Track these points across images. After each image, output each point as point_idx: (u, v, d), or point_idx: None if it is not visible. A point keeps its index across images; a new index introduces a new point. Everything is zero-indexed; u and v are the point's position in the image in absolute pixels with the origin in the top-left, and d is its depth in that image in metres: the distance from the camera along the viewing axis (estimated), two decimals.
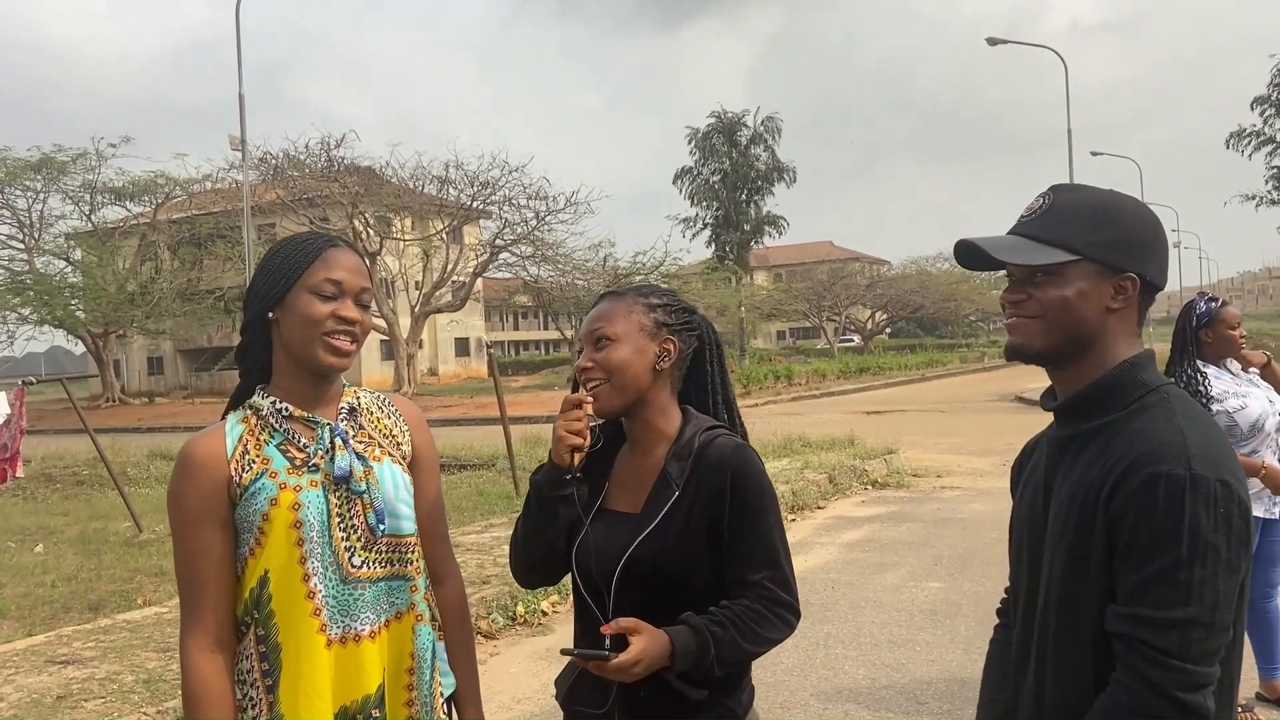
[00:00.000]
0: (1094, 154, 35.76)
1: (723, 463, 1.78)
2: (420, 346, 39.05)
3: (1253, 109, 41.35)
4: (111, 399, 36.72)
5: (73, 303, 33.50)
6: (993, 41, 27.75)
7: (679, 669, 1.67)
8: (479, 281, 37.99)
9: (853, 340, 60.33)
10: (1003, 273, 1.47)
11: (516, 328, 74.31)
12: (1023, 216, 1.48)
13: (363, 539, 1.68)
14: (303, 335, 1.66)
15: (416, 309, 34.39)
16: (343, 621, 1.64)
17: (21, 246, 35.96)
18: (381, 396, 1.87)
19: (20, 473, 8.83)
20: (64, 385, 9.37)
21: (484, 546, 7.25)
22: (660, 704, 1.71)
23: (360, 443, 1.74)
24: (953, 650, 5.06)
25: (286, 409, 1.69)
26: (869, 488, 10.58)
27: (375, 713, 1.66)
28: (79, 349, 40.71)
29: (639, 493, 1.83)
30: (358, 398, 1.82)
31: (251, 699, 1.63)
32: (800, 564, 5.79)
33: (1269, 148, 41.84)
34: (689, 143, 49.16)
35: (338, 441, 1.70)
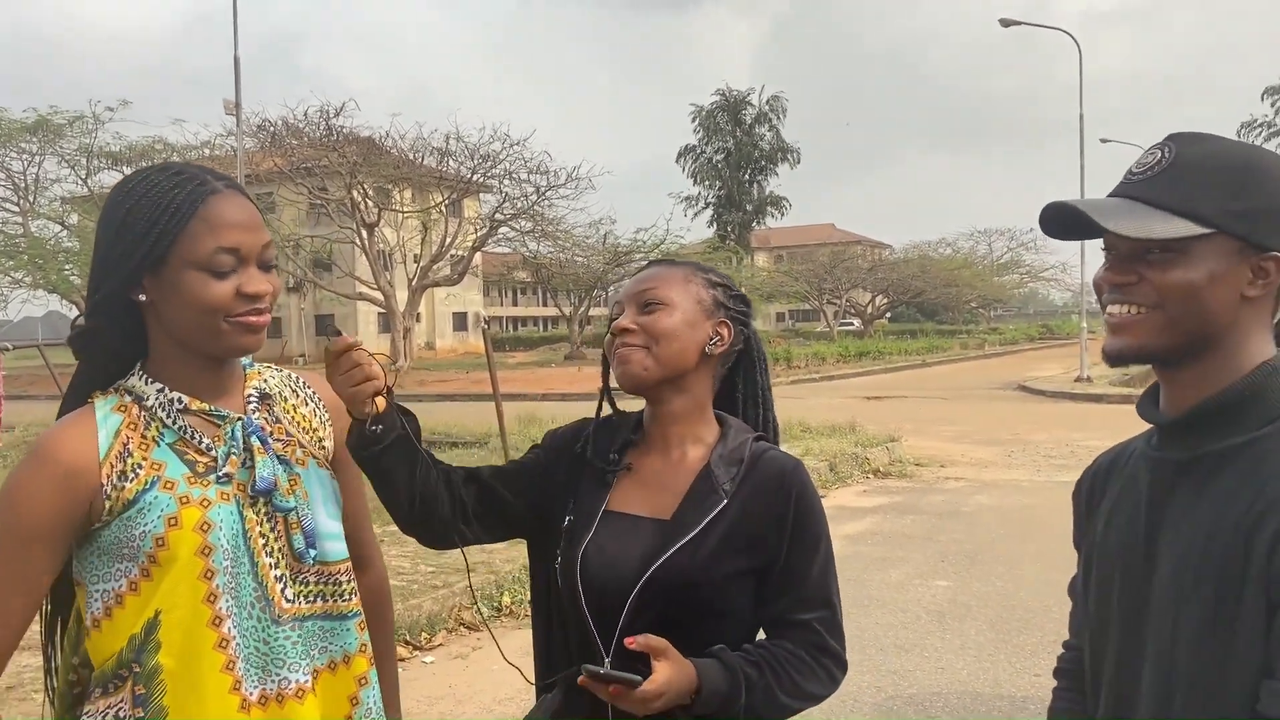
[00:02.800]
0: (1103, 141, 35.34)
1: (784, 481, 1.52)
2: (418, 320, 38.76)
3: (1263, 99, 40.97)
4: None
5: (67, 267, 33.13)
6: (1005, 23, 27.25)
7: (701, 710, 1.38)
8: (478, 256, 37.61)
9: (853, 324, 60.02)
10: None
11: (515, 304, 74.01)
12: (1132, 172, 1.15)
13: (292, 567, 1.33)
14: (198, 324, 1.27)
15: (414, 282, 33.99)
16: (275, 674, 1.28)
17: (16, 210, 35.60)
18: (293, 376, 1.50)
19: None
20: (41, 352, 9.06)
21: None
22: None
23: (279, 440, 1.38)
24: (963, 657, 4.78)
25: (180, 399, 1.31)
26: (871, 477, 10.31)
27: None
28: (75, 314, 40.45)
29: (667, 496, 1.53)
30: (265, 380, 1.44)
31: None
32: None
33: (1279, 139, 41.43)
34: (693, 121, 48.80)
35: (254, 442, 1.33)
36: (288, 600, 1.32)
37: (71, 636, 1.35)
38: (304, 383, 1.50)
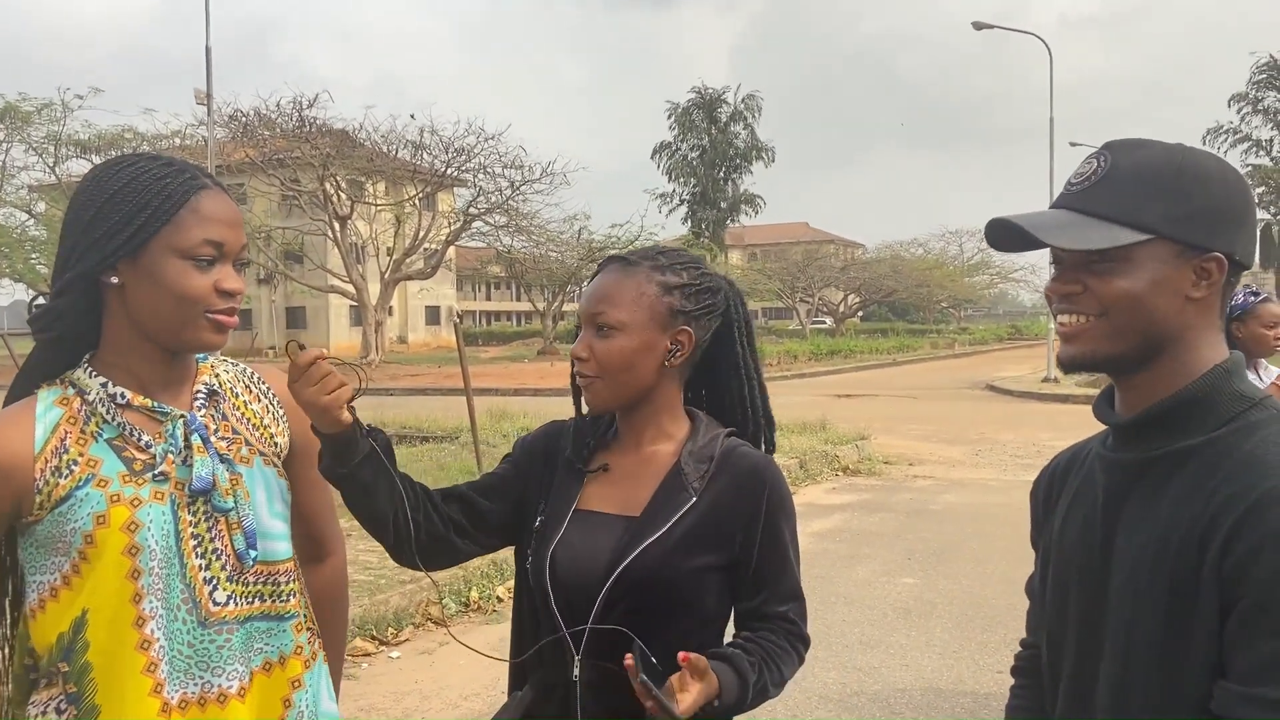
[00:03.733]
0: (1072, 144, 35.68)
1: (756, 477, 1.54)
2: (390, 314, 38.45)
3: (1229, 106, 41.61)
4: None
5: (34, 257, 32.60)
6: (978, 26, 27.44)
7: (716, 714, 1.40)
8: (451, 250, 37.44)
9: (825, 322, 60.33)
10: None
11: (489, 298, 73.70)
12: (1071, 183, 1.16)
13: (228, 568, 1.31)
14: (172, 313, 1.26)
15: (387, 275, 33.77)
16: (200, 677, 1.27)
17: None
18: (247, 371, 1.48)
19: None
20: (4, 341, 8.93)
21: None
22: None
23: (223, 439, 1.35)
24: (928, 654, 4.82)
25: (123, 395, 1.29)
26: (840, 474, 10.37)
27: None
28: (34, 298, 39.85)
29: (636, 493, 1.54)
30: (217, 375, 1.42)
31: None
32: None
33: (1244, 145, 42.11)
34: (669, 118, 48.82)
35: (195, 440, 1.31)
36: (215, 604, 1.30)
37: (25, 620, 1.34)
38: (259, 378, 1.48)
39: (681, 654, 1.35)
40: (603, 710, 1.47)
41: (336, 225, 32.18)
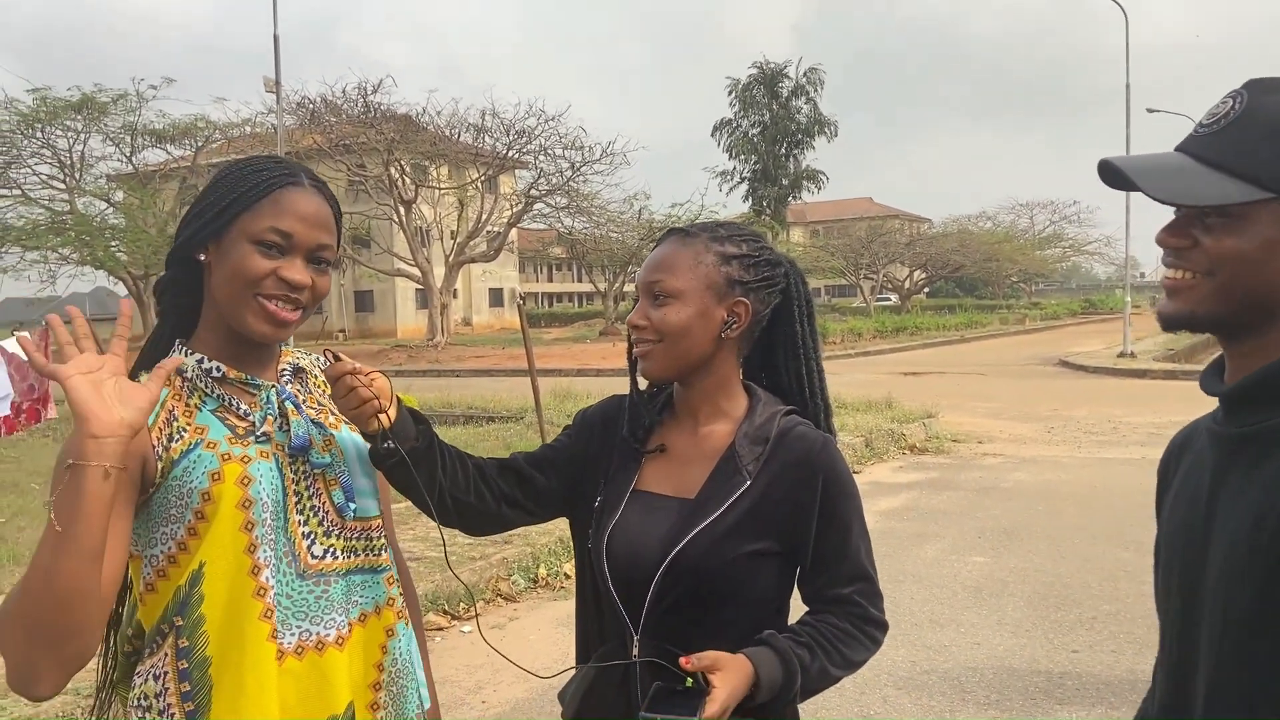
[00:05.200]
0: (1150, 110, 34.47)
1: (811, 459, 1.51)
2: (455, 296, 38.95)
3: None
4: None
5: (113, 244, 33.69)
6: None
7: (762, 699, 1.39)
8: (513, 232, 37.68)
9: (890, 299, 59.42)
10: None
11: (550, 279, 74.12)
12: (1201, 124, 1.06)
13: (325, 523, 1.38)
14: (231, 293, 1.33)
15: (451, 258, 34.17)
16: (298, 626, 1.33)
17: (62, 187, 36.16)
18: (321, 360, 1.55)
19: (53, 413, 8.79)
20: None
21: None
22: None
23: (312, 409, 1.44)
24: (1000, 633, 4.75)
25: (218, 369, 1.37)
26: (907, 453, 10.26)
27: None
28: (122, 290, 41.20)
29: (692, 475, 1.53)
30: (298, 358, 1.51)
31: None
32: None
33: None
34: (729, 94, 48.24)
35: (288, 406, 1.39)
36: (313, 557, 1.36)
37: (128, 609, 1.41)
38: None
39: (682, 660, 1.36)
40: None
41: (402, 209, 32.63)
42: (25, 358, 8.29)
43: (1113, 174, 1.09)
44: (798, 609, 1.56)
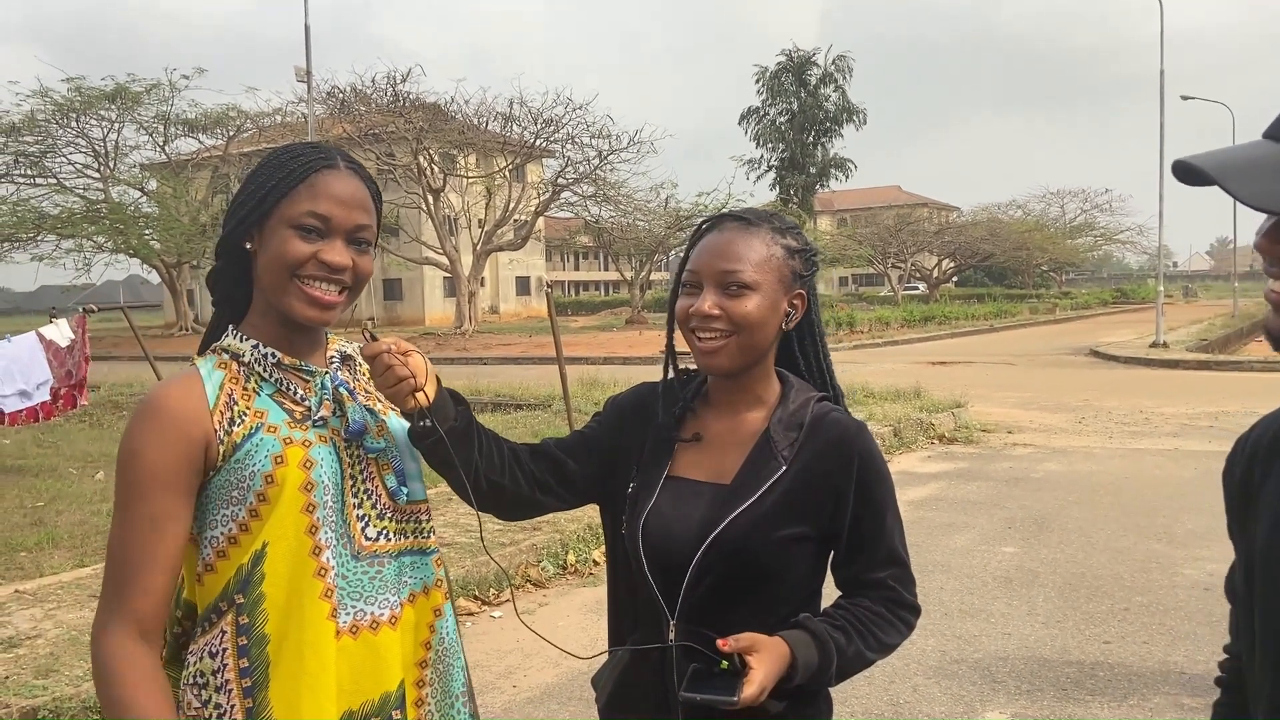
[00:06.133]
0: (1184, 98, 33.90)
1: (846, 444, 1.51)
2: (482, 284, 39.13)
3: None
4: (184, 328, 37.62)
5: (147, 232, 34.12)
6: None
7: (797, 683, 1.41)
8: (540, 221, 37.77)
9: (918, 288, 58.95)
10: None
11: (577, 268, 74.26)
12: None
13: (378, 506, 1.41)
14: (274, 279, 1.35)
15: (479, 246, 34.32)
16: (353, 606, 1.36)
17: (97, 176, 36.67)
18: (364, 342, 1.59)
19: (86, 399, 8.93)
20: (125, 314, 9.38)
21: None
22: (729, 717, 1.42)
23: (362, 395, 1.47)
24: (1030, 623, 4.73)
25: (274, 355, 1.40)
26: (935, 442, 10.20)
27: (396, 715, 1.38)
28: (155, 278, 41.73)
29: (727, 461, 1.54)
30: (343, 346, 1.54)
31: (218, 705, 1.30)
32: None
33: None
34: (756, 82, 48.01)
35: (342, 393, 1.42)
36: (367, 539, 1.39)
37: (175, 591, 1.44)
38: None
39: (719, 640, 1.38)
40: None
41: (430, 198, 32.78)
42: (63, 344, 8.43)
43: (1190, 174, 0.93)
44: (829, 594, 1.57)
